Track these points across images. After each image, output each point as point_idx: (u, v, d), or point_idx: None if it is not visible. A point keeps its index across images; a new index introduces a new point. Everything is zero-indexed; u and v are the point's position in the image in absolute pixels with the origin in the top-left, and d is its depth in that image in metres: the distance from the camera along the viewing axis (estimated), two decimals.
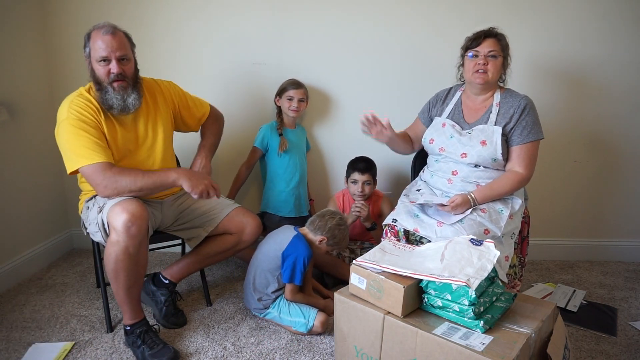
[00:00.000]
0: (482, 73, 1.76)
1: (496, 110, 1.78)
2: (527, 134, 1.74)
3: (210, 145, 1.99)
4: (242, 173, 2.40)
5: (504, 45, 1.78)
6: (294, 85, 2.31)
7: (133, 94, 1.70)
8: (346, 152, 2.43)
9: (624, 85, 2.38)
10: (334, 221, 1.87)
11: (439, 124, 1.88)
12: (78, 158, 1.60)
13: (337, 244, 1.90)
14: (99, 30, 1.65)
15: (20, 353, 1.71)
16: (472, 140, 1.76)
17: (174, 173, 1.66)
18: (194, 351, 1.73)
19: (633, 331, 1.88)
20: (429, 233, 1.66)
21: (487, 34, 1.76)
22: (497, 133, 1.73)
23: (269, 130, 2.35)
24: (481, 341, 1.23)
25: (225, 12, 2.40)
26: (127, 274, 1.61)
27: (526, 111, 1.75)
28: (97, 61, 1.65)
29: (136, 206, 1.58)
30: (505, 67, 1.81)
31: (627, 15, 2.30)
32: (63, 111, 1.66)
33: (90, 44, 1.66)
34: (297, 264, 1.79)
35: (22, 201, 2.33)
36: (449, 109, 1.90)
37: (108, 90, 1.67)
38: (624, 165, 2.49)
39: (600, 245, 2.59)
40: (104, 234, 1.66)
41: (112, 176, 1.60)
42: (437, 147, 1.84)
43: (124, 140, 1.75)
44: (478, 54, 1.76)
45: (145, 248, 1.67)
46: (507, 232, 1.70)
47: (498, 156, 1.73)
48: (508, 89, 1.85)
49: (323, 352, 1.72)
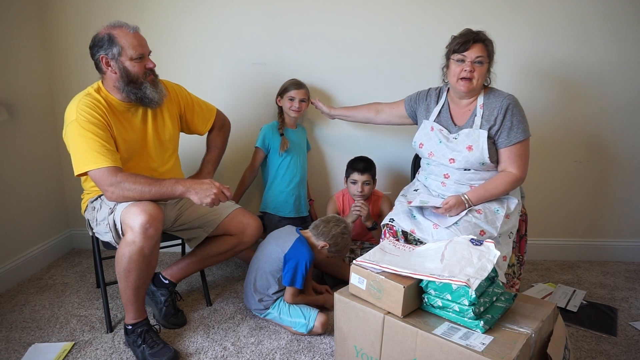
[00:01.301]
0: (467, 81, 1.71)
1: (480, 113, 1.75)
2: (514, 135, 1.72)
3: (214, 161, 2.04)
4: (246, 177, 2.40)
5: (490, 51, 1.74)
6: (295, 86, 2.31)
7: (159, 86, 1.77)
8: (346, 152, 2.43)
9: (624, 86, 2.38)
10: (338, 229, 1.86)
11: (427, 128, 1.86)
12: (86, 162, 1.60)
13: (339, 251, 1.90)
14: (123, 29, 1.66)
15: (20, 353, 1.71)
16: (458, 145, 1.74)
17: (181, 186, 1.64)
18: (194, 351, 1.73)
19: (633, 331, 1.88)
20: (425, 235, 1.66)
21: (475, 38, 1.70)
22: (483, 137, 1.71)
23: (270, 131, 2.35)
24: (481, 341, 1.23)
25: (225, 13, 2.40)
26: (138, 274, 1.62)
27: (510, 111, 1.71)
28: (133, 59, 1.67)
29: (153, 207, 1.59)
30: (489, 70, 1.78)
31: (629, 15, 2.30)
32: (71, 112, 1.65)
33: (119, 44, 1.64)
34: (299, 267, 1.79)
35: (22, 201, 2.33)
36: (436, 111, 1.87)
37: (146, 86, 1.71)
38: (624, 165, 2.49)
39: (600, 245, 2.59)
40: (115, 234, 1.66)
41: (120, 183, 1.60)
42: (426, 152, 1.84)
43: (132, 140, 1.76)
44: (465, 59, 1.71)
45: (157, 249, 1.68)
46: (505, 232, 1.69)
47: (485, 160, 1.72)
48: (492, 88, 1.81)
49: (323, 352, 1.72)
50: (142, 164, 1.81)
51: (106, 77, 1.71)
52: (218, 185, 1.66)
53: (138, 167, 1.78)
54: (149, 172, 1.80)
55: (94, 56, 1.68)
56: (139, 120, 1.78)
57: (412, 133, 2.34)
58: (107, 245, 1.81)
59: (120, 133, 1.72)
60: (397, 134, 2.46)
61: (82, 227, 2.65)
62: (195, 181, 1.67)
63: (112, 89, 1.72)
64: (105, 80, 1.73)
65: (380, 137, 2.51)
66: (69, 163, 1.68)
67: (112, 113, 1.70)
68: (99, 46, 1.66)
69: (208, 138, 2.10)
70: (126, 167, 1.71)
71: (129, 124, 1.76)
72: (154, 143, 1.83)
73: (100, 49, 1.66)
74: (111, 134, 1.68)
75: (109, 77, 1.70)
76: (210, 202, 1.64)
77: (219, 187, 1.65)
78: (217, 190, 1.65)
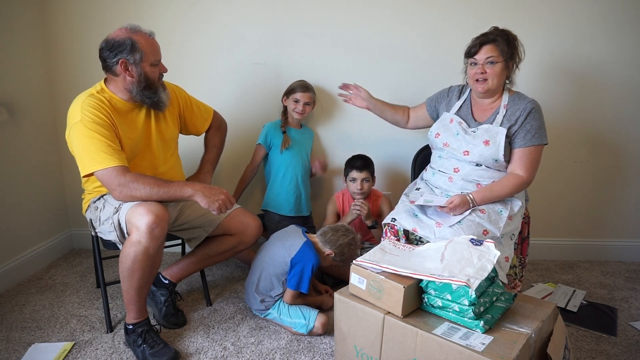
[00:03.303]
0: (482, 82, 1.77)
1: (503, 112, 1.78)
2: (531, 138, 1.74)
3: (213, 160, 2.06)
4: (246, 175, 2.41)
5: (502, 49, 1.75)
6: (302, 88, 2.31)
7: (166, 89, 1.82)
8: (347, 152, 2.43)
9: (625, 86, 2.38)
10: (346, 239, 1.85)
11: (446, 120, 1.88)
12: (93, 162, 1.60)
13: (344, 260, 1.89)
14: (143, 35, 1.69)
15: (20, 353, 1.71)
16: (475, 138, 1.76)
17: (189, 189, 1.65)
18: (194, 351, 1.73)
19: (633, 331, 1.88)
20: (428, 233, 1.66)
21: (482, 41, 1.76)
22: (502, 134, 1.73)
23: (273, 128, 2.36)
24: (481, 341, 1.23)
25: (225, 13, 2.40)
26: (142, 274, 1.62)
27: (532, 115, 1.74)
28: (153, 64, 1.70)
29: (159, 208, 1.59)
30: (509, 68, 1.80)
31: (631, 15, 2.30)
32: (75, 113, 1.64)
33: (142, 50, 1.66)
34: (305, 272, 1.78)
35: (22, 201, 2.33)
36: (457, 105, 1.90)
37: (159, 89, 1.75)
38: (624, 165, 2.49)
39: (600, 245, 2.59)
40: (120, 233, 1.66)
41: (129, 183, 1.60)
42: (441, 142, 1.85)
43: (136, 139, 1.77)
44: (477, 62, 1.77)
45: (162, 250, 1.69)
46: (507, 233, 1.70)
47: (500, 157, 1.73)
48: (517, 92, 1.85)
49: (323, 352, 1.72)
50: (145, 163, 1.81)
51: (117, 79, 1.70)
52: (225, 192, 1.69)
53: (141, 165, 1.79)
54: (151, 170, 1.81)
55: (111, 59, 1.66)
56: (142, 120, 1.79)
57: (412, 133, 2.34)
58: (108, 245, 1.81)
59: (125, 133, 1.72)
60: (398, 134, 2.46)
61: (82, 227, 2.65)
62: (204, 185, 1.69)
63: (120, 90, 1.72)
64: (112, 82, 1.73)
65: (380, 137, 2.50)
66: (69, 163, 1.69)
67: (117, 113, 1.70)
68: (120, 50, 1.65)
69: (206, 137, 2.11)
70: (130, 165, 1.71)
71: (133, 124, 1.76)
72: (157, 142, 1.84)
73: (121, 53, 1.65)
74: (116, 134, 1.68)
75: (120, 80, 1.70)
76: (217, 207, 1.65)
77: (226, 193, 1.69)
78: (225, 197, 1.67)
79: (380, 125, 2.35)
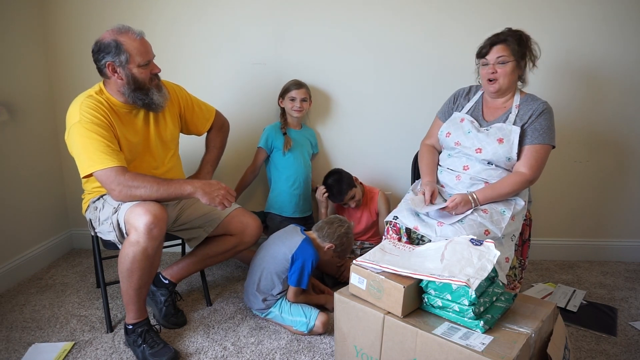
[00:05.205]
0: (494, 82, 1.78)
1: (515, 112, 1.79)
2: (538, 136, 1.74)
3: (213, 161, 2.05)
4: (247, 176, 2.41)
5: (513, 49, 1.75)
6: (295, 86, 2.32)
7: (163, 90, 1.78)
8: (347, 152, 2.43)
9: (626, 86, 2.38)
10: (342, 229, 1.89)
11: (457, 119, 1.89)
12: (92, 162, 1.60)
13: (344, 251, 1.92)
14: (129, 35, 1.64)
15: (20, 353, 1.71)
16: (489, 136, 1.77)
17: (189, 186, 1.65)
18: (194, 351, 1.73)
19: (633, 331, 1.88)
20: (429, 232, 1.66)
21: (493, 41, 1.77)
22: (515, 132, 1.74)
23: (273, 131, 2.36)
24: (481, 341, 1.23)
25: (225, 13, 2.40)
26: (141, 274, 1.62)
27: (544, 115, 1.76)
28: (140, 66, 1.66)
29: (157, 208, 1.59)
30: (521, 68, 1.80)
31: (634, 15, 2.30)
32: (74, 114, 1.64)
33: (127, 51, 1.63)
34: (305, 267, 1.80)
35: (23, 201, 2.33)
36: (469, 105, 1.91)
37: (152, 91, 1.72)
38: (624, 165, 2.49)
39: (600, 245, 2.59)
40: (119, 233, 1.66)
41: (128, 182, 1.60)
42: (452, 141, 1.85)
43: (135, 141, 1.76)
44: (488, 63, 1.79)
45: (161, 250, 1.69)
46: (508, 234, 1.70)
47: (513, 155, 1.74)
48: (530, 94, 1.85)
49: (323, 352, 1.72)
50: (145, 164, 1.81)
51: (110, 81, 1.70)
52: (224, 186, 1.69)
53: (141, 167, 1.78)
54: (151, 172, 1.81)
55: (99, 62, 1.66)
56: (141, 122, 1.79)
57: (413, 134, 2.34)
58: (108, 245, 1.81)
59: (124, 134, 1.72)
60: (398, 135, 2.46)
61: (82, 227, 2.65)
62: (203, 181, 1.68)
63: (116, 92, 1.72)
64: (108, 84, 1.73)
65: (380, 137, 2.51)
66: (69, 163, 1.69)
67: (115, 115, 1.70)
68: (106, 52, 1.64)
69: (207, 138, 2.10)
70: (129, 167, 1.71)
71: (132, 126, 1.76)
72: (156, 144, 1.84)
73: (107, 55, 1.64)
74: (114, 135, 1.68)
75: (113, 82, 1.69)
76: (218, 203, 1.65)
77: (226, 188, 1.69)
78: (225, 192, 1.67)
79: (380, 125, 2.35)
